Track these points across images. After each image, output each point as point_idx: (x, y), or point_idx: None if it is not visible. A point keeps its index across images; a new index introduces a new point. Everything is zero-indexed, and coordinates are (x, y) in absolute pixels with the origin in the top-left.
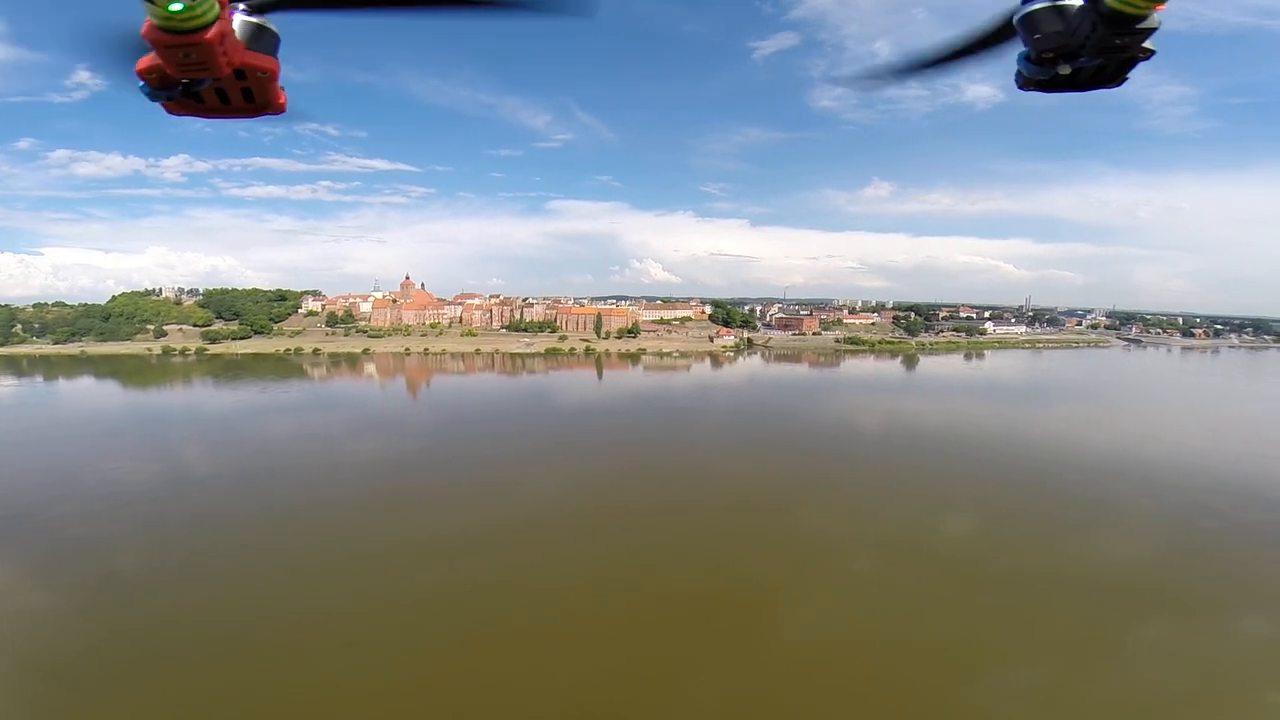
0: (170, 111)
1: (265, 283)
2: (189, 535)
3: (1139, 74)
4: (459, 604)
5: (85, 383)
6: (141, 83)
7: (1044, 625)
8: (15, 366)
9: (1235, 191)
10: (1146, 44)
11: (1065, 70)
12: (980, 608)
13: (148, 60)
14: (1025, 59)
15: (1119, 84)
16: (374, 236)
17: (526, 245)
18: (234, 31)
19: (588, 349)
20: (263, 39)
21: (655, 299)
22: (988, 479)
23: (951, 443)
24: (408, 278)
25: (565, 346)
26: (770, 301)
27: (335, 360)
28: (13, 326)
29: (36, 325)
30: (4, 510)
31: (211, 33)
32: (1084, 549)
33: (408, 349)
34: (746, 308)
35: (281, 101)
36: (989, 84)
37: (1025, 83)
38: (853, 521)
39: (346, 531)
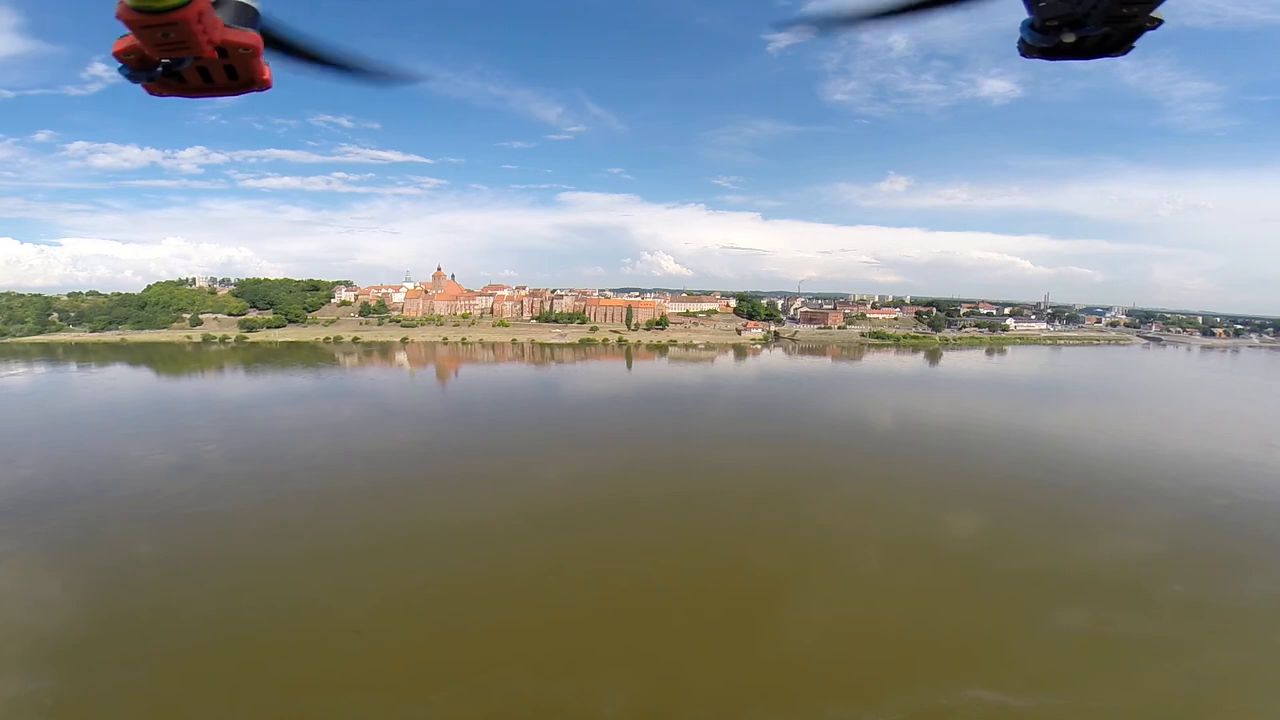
0: (151, 93)
1: (280, 273)
2: (314, 509)
3: (1159, 70)
4: (482, 590)
5: (144, 371)
6: (120, 64)
7: (1062, 613)
8: (75, 354)
9: (1259, 190)
10: (1155, 13)
11: (1070, 38)
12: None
13: (125, 41)
14: (1029, 26)
15: (1124, 52)
16: (387, 228)
17: (538, 237)
18: (212, 8)
19: (620, 340)
20: (243, 14)
21: (668, 291)
22: (1028, 470)
23: (988, 437)
24: (439, 269)
25: (598, 338)
26: (783, 295)
27: (376, 349)
28: (49, 315)
29: (72, 314)
30: (132, 490)
31: (189, 10)
32: (1111, 543)
33: (445, 338)
34: (765, 301)
35: (266, 77)
36: (1006, 79)
37: (1028, 50)
38: (896, 517)
39: (418, 511)
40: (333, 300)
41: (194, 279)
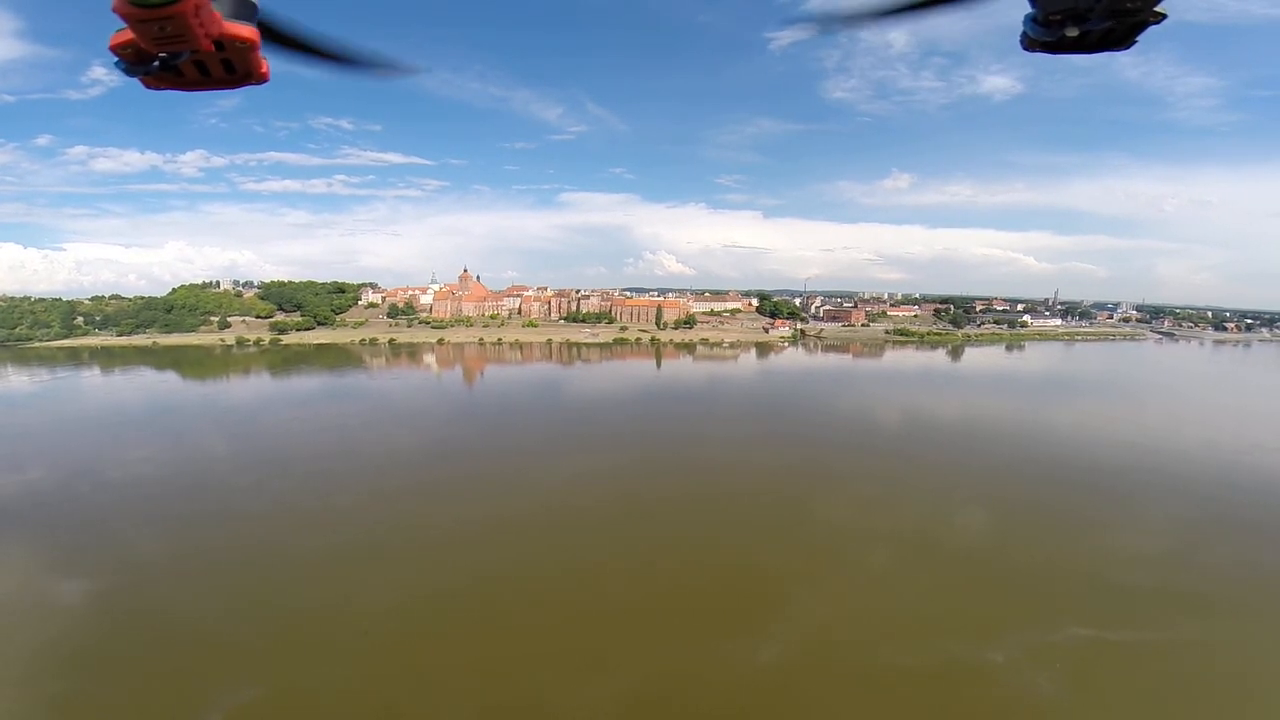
0: (148, 86)
1: (286, 275)
2: (414, 501)
3: (1160, 66)
4: (497, 588)
5: (199, 375)
6: (116, 59)
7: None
8: (103, 359)
9: (1264, 185)
10: (1159, 7)
11: (1073, 32)
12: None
13: (121, 35)
14: (1032, 20)
15: (1128, 47)
16: (388, 230)
17: (539, 238)
18: (210, 1)
19: (652, 339)
20: (241, 7)
21: (674, 290)
22: (1074, 457)
23: (1038, 430)
24: (465, 270)
25: (630, 337)
26: (788, 293)
27: (409, 350)
28: (74, 319)
29: (97, 318)
30: (229, 487)
31: (187, 4)
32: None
33: (481, 339)
34: (779, 299)
35: (264, 71)
36: (1006, 75)
37: (1030, 44)
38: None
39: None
40: (359, 302)
41: (218, 282)
